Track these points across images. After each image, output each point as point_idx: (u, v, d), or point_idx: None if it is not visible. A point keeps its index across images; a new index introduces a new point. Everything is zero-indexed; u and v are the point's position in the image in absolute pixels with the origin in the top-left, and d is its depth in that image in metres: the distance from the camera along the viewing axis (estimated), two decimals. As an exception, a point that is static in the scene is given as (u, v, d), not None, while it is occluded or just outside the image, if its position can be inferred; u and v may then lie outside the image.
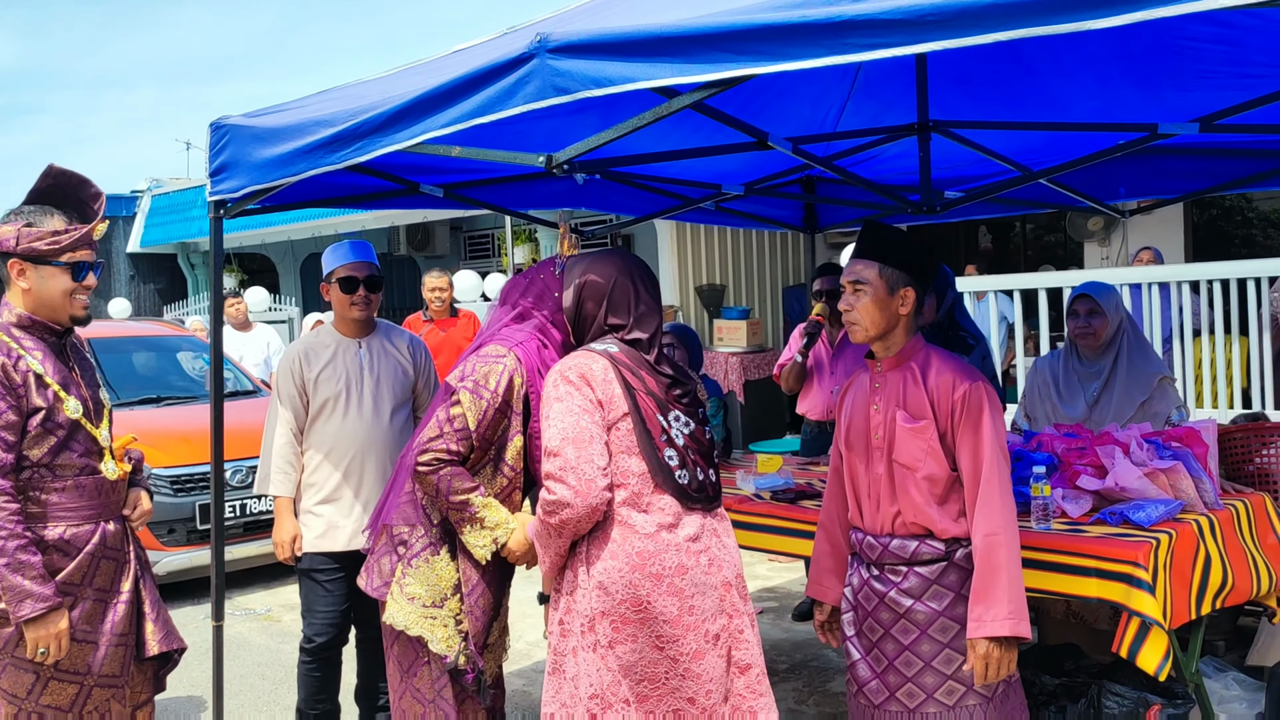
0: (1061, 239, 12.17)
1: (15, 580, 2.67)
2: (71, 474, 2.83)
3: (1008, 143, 4.25)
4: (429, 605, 2.88)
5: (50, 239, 2.77)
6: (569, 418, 2.43)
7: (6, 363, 2.73)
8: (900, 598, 2.72)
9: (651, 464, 2.48)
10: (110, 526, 2.92)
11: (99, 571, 2.88)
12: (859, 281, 2.74)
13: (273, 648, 5.52)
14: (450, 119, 2.64)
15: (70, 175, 2.86)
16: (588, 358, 2.51)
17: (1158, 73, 3.70)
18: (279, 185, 3.28)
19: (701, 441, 2.61)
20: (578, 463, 2.40)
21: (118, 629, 2.90)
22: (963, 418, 2.65)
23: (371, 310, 3.74)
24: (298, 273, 15.92)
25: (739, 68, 2.08)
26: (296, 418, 3.69)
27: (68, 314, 2.85)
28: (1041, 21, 1.74)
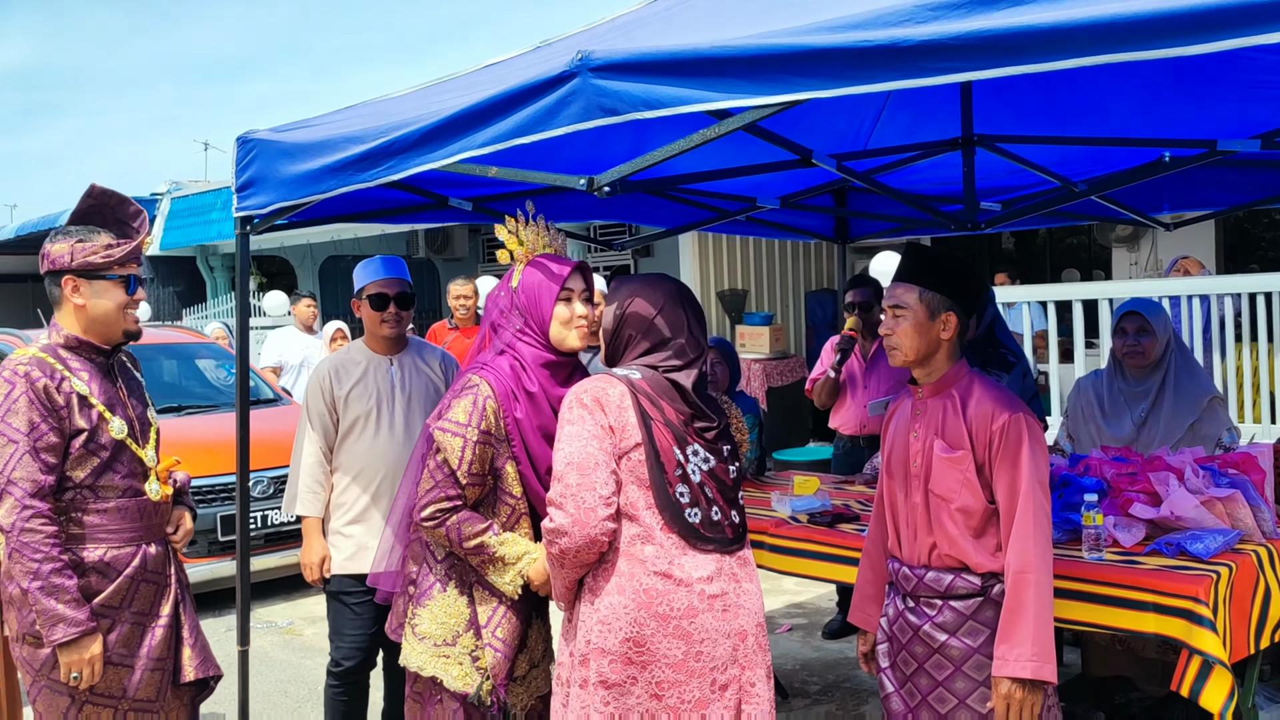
0: (1086, 242, 12.03)
1: (49, 604, 2.65)
2: (114, 495, 2.81)
3: (1047, 154, 4.15)
4: (441, 644, 2.76)
5: (104, 252, 2.79)
6: (576, 442, 2.36)
7: (49, 384, 2.72)
8: (935, 632, 2.64)
9: (660, 498, 2.38)
10: (152, 549, 2.89)
11: (138, 595, 2.85)
12: (899, 305, 2.66)
13: (295, 663, 5.45)
14: (488, 138, 2.56)
15: (111, 195, 2.87)
16: (605, 382, 2.43)
17: (1209, 85, 3.60)
18: (307, 202, 3.21)
19: (723, 479, 2.48)
20: (578, 489, 2.32)
21: (155, 653, 2.87)
22: (1001, 449, 2.56)
23: (402, 328, 3.67)
24: (316, 275, 15.90)
25: (798, 92, 2.00)
26: (326, 436, 3.62)
27: (121, 329, 2.86)
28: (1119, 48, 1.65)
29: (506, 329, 2.81)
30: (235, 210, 3.40)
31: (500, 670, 2.76)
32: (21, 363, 2.73)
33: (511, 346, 2.78)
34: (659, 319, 2.52)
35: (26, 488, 2.64)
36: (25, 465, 2.65)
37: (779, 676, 4.68)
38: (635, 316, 2.54)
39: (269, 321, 12.08)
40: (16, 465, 2.65)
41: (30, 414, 2.67)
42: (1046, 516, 2.56)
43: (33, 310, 15.53)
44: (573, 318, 2.78)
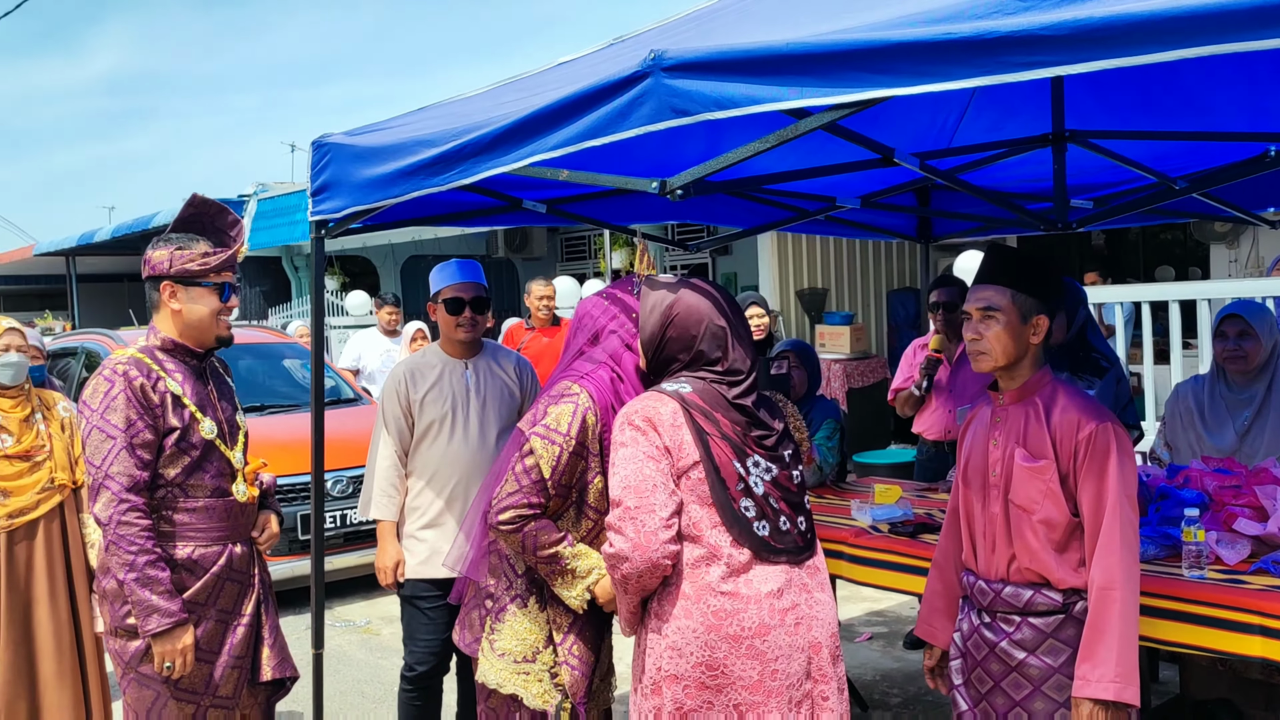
0: (1180, 238, 11.61)
1: (144, 595, 2.73)
2: (203, 495, 2.89)
3: (1142, 150, 3.96)
4: (520, 660, 2.69)
5: (200, 260, 2.88)
6: (631, 465, 2.27)
7: (146, 383, 2.82)
8: (1012, 649, 2.53)
9: (726, 515, 2.28)
10: (238, 549, 2.96)
11: (223, 593, 2.91)
12: (990, 308, 2.53)
13: (372, 663, 5.49)
14: (559, 141, 2.50)
15: (210, 204, 2.96)
16: (656, 400, 2.34)
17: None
18: (380, 206, 3.20)
19: (787, 487, 2.39)
20: (637, 513, 2.24)
21: (236, 651, 2.93)
22: (1086, 459, 2.45)
23: (477, 332, 3.65)
24: (398, 275, 16.10)
25: (878, 89, 1.90)
26: (401, 440, 3.61)
27: (214, 334, 2.95)
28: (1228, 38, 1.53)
29: (614, 339, 2.74)
30: (310, 214, 3.41)
31: (579, 688, 2.69)
32: (121, 362, 2.84)
33: (617, 359, 2.71)
34: (706, 332, 2.43)
35: (123, 482, 2.74)
36: (122, 460, 2.75)
37: (858, 687, 4.56)
38: (680, 326, 2.44)
39: (351, 321, 12.26)
40: (114, 460, 2.74)
41: (128, 411, 2.77)
42: (1134, 531, 2.45)
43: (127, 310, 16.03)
44: None
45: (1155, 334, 6.84)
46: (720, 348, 2.42)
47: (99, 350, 7.66)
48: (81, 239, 18.51)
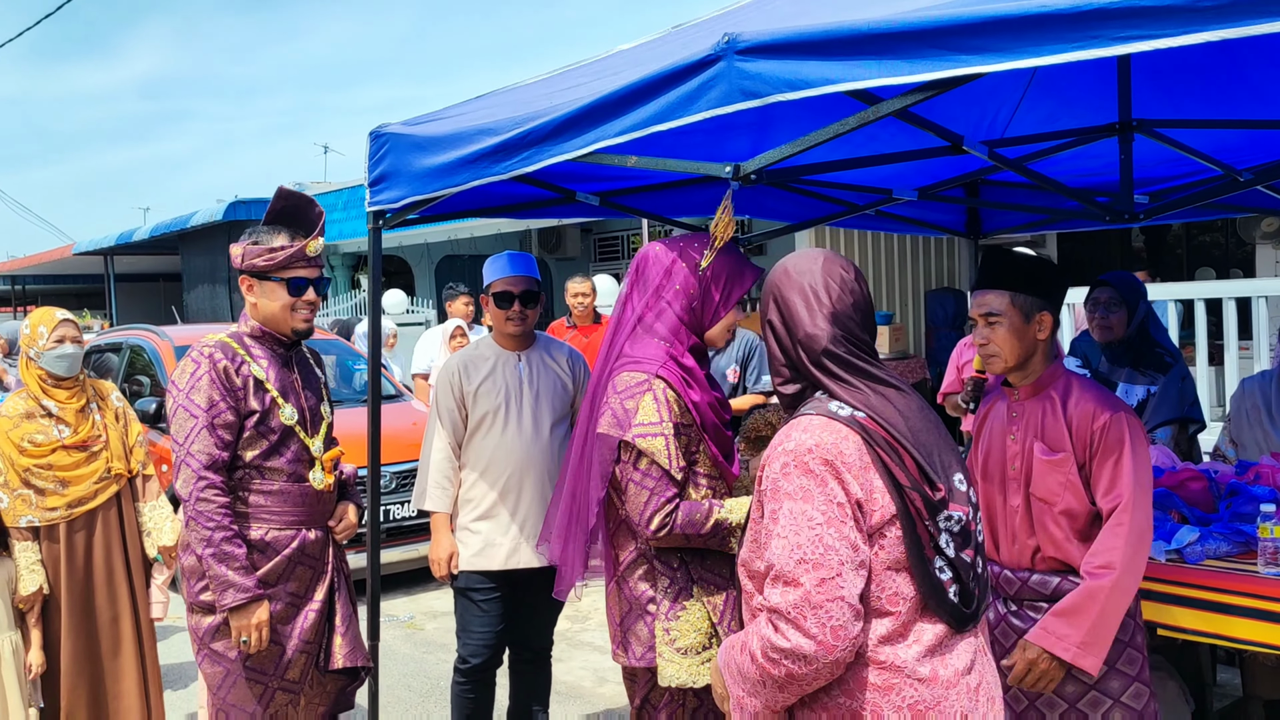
0: (1220, 239, 11.44)
1: (220, 570, 2.78)
2: (280, 479, 2.94)
3: (1204, 141, 3.89)
4: (701, 651, 2.62)
5: (266, 256, 2.93)
6: (808, 529, 1.72)
7: (229, 366, 2.90)
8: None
9: (924, 584, 1.78)
10: (311, 535, 3.00)
11: (294, 576, 2.95)
12: (992, 313, 2.63)
13: (418, 658, 5.49)
14: (624, 127, 2.48)
15: (297, 196, 3.01)
16: (832, 431, 1.78)
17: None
18: (440, 196, 3.18)
19: (972, 537, 1.88)
20: (822, 601, 1.69)
21: (305, 635, 2.96)
22: (1100, 448, 2.51)
23: (528, 325, 3.63)
24: (433, 275, 16.14)
25: (961, 66, 1.86)
26: (455, 432, 3.60)
27: (289, 327, 3.00)
28: None
29: (670, 310, 2.62)
30: (368, 205, 3.40)
31: None
32: (208, 344, 2.93)
33: (675, 332, 2.62)
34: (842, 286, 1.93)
35: (203, 460, 2.80)
36: (203, 439, 2.82)
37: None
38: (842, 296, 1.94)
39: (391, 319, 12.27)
40: (196, 439, 2.81)
41: (211, 392, 2.85)
42: (1147, 519, 2.49)
43: (166, 308, 16.17)
44: (734, 321, 2.72)
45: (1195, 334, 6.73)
46: (865, 323, 1.94)
47: (143, 345, 7.71)
48: (120, 239, 18.72)
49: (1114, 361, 3.94)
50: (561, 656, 4.70)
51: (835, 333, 1.89)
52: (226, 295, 16.58)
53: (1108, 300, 3.94)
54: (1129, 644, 2.58)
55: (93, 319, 20.14)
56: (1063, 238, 11.45)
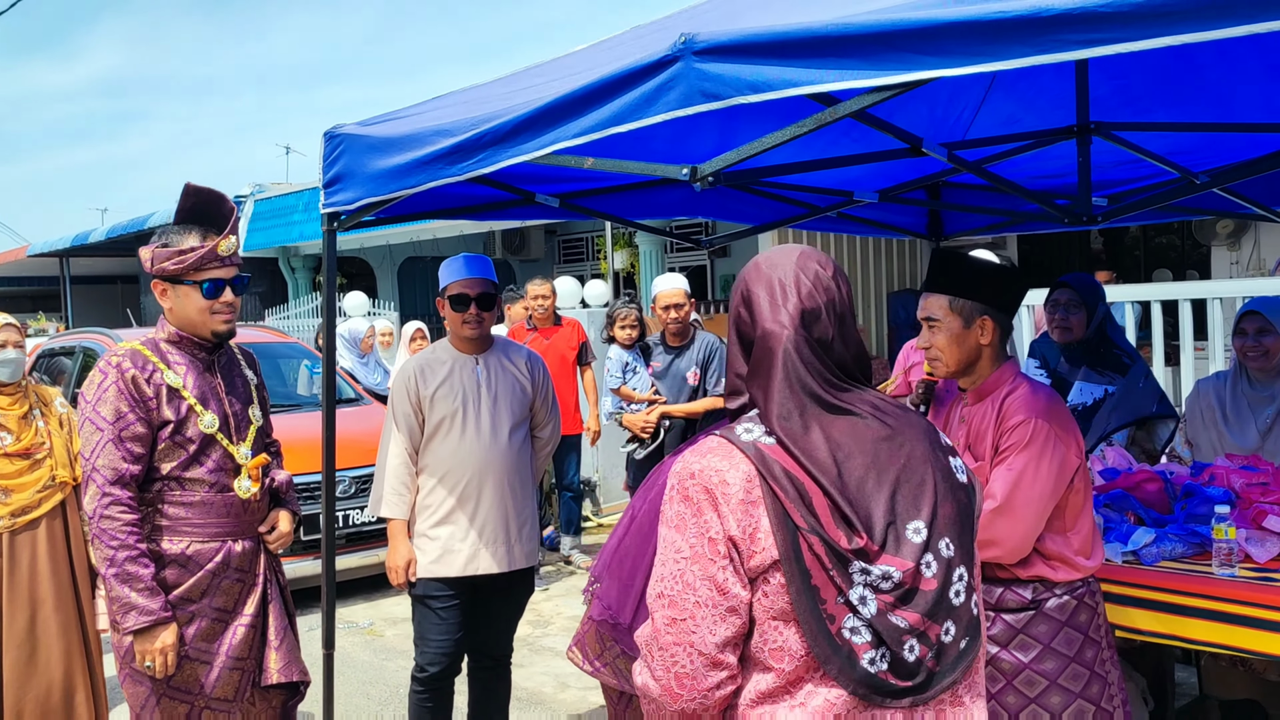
0: (1176, 241, 11.59)
1: (122, 591, 2.68)
2: (201, 489, 2.83)
3: (1162, 144, 3.91)
4: None
5: (177, 258, 2.82)
6: (673, 562, 1.55)
7: (139, 375, 2.79)
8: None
9: (816, 643, 1.52)
10: (238, 546, 2.90)
11: (220, 590, 2.85)
12: (931, 318, 2.62)
13: (377, 665, 5.42)
14: (582, 129, 2.44)
15: (206, 193, 2.90)
16: (723, 456, 1.57)
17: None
18: (395, 198, 3.13)
19: (920, 598, 1.56)
20: (669, 642, 1.53)
21: (235, 652, 2.86)
22: (1002, 449, 2.51)
23: (485, 328, 3.59)
24: (395, 277, 16.02)
25: (920, 70, 1.85)
26: (411, 437, 3.55)
27: (208, 329, 2.89)
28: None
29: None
30: (322, 207, 3.33)
31: None
32: (117, 354, 2.82)
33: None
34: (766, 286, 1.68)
35: (108, 475, 2.71)
36: (108, 453, 2.72)
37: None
38: (739, 295, 1.72)
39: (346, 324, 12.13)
40: (101, 453, 2.72)
41: (118, 403, 2.74)
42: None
43: (123, 310, 15.93)
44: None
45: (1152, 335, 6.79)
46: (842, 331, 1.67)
47: (97, 349, 7.57)
48: (76, 240, 18.41)
49: (1072, 362, 3.96)
50: (522, 662, 4.66)
51: (799, 336, 1.62)
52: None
53: (1067, 302, 3.96)
54: (1066, 623, 2.53)
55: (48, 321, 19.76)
56: (1023, 239, 11.55)
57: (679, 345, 5.07)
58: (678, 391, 5.00)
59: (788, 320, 1.63)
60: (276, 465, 3.09)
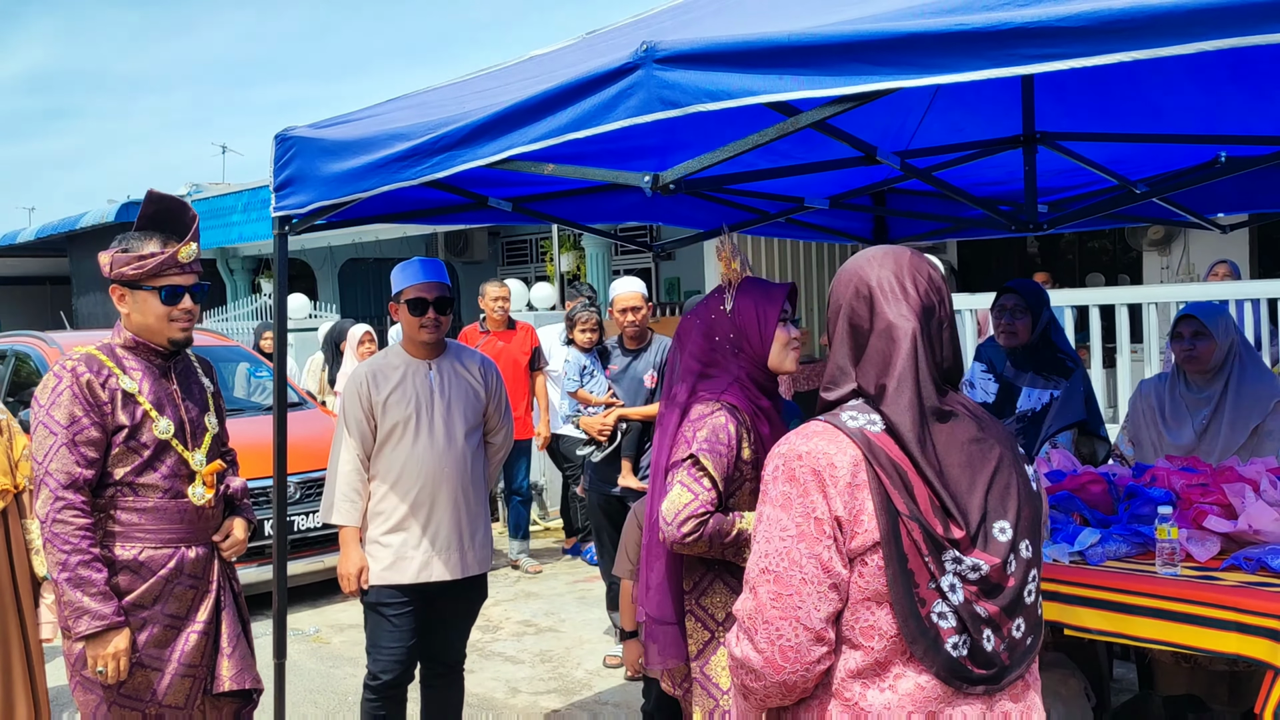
0: (1107, 245, 11.87)
1: (75, 596, 2.66)
2: (155, 495, 2.81)
3: (1100, 153, 4.02)
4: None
5: (136, 264, 2.80)
6: (779, 539, 1.61)
7: (93, 380, 2.76)
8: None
9: (907, 624, 1.59)
10: (192, 553, 2.87)
11: (172, 596, 2.83)
12: None
13: (324, 672, 5.35)
14: (540, 133, 2.45)
15: (168, 200, 2.88)
16: (830, 440, 1.63)
17: (1271, 81, 3.46)
18: (349, 201, 3.11)
19: (1002, 593, 1.65)
20: (775, 615, 1.60)
21: (187, 659, 2.84)
22: None
23: (441, 332, 3.57)
24: (336, 279, 15.83)
25: (881, 81, 1.88)
26: (363, 443, 3.51)
27: (165, 337, 2.87)
28: (1260, 29, 1.52)
29: (726, 360, 2.65)
30: (274, 210, 3.31)
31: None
32: (72, 358, 2.79)
33: (732, 373, 2.65)
34: (854, 292, 1.73)
35: (61, 479, 2.69)
36: (62, 457, 2.70)
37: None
38: (834, 300, 1.76)
39: (292, 324, 11.98)
40: (54, 457, 2.70)
41: (72, 408, 2.72)
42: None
43: (53, 312, 15.53)
44: (789, 339, 2.69)
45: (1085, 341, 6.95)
46: (952, 336, 1.72)
47: (30, 353, 7.39)
48: (4, 240, 17.93)
49: (1018, 366, 4.04)
50: (472, 668, 4.64)
51: (921, 330, 1.68)
52: (119, 300, 15.98)
53: (1013, 307, 4.04)
54: None
55: (-27, 324, 19.23)
56: (963, 244, 11.75)
57: (636, 348, 5.08)
58: (635, 394, 5.00)
59: (910, 314, 1.68)
60: (232, 473, 3.06)
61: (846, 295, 1.74)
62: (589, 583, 6.78)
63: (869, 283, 1.71)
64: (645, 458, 4.98)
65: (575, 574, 7.08)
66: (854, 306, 1.72)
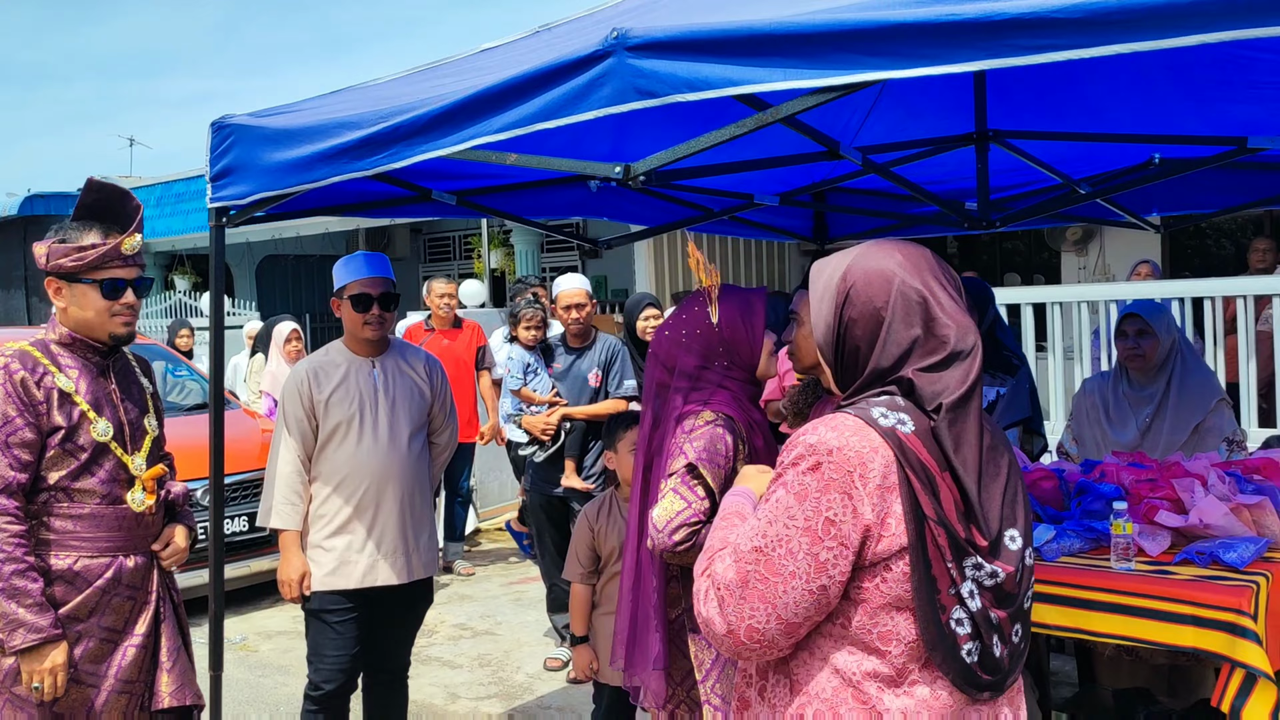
0: (1020, 246, 12.12)
1: (10, 607, 2.51)
2: (92, 501, 2.65)
3: (1044, 151, 4.06)
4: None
5: (76, 255, 2.64)
6: (784, 525, 1.55)
7: (28, 377, 2.60)
8: None
9: (928, 630, 1.56)
10: (130, 562, 2.72)
11: (110, 608, 2.68)
12: (792, 310, 2.61)
13: (254, 682, 5.17)
14: (506, 123, 2.37)
15: (110, 188, 2.73)
16: (863, 439, 1.55)
17: (1206, 84, 3.53)
18: (293, 192, 2.99)
19: (1013, 602, 1.65)
20: (754, 597, 1.56)
21: (124, 674, 2.69)
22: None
23: (386, 329, 3.46)
24: (253, 276, 15.43)
25: (868, 72, 1.84)
26: (304, 443, 3.38)
27: (105, 332, 2.71)
28: (1253, 23, 1.52)
29: (714, 369, 2.61)
30: (210, 202, 3.16)
31: None
32: (4, 354, 2.63)
33: (724, 386, 2.60)
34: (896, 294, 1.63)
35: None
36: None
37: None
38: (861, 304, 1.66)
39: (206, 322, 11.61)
40: None
41: (5, 407, 2.57)
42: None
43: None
44: (771, 346, 2.66)
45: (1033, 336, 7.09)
46: (926, 324, 1.63)
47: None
48: (-104, 233, 17.08)
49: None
50: (409, 673, 4.51)
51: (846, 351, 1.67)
52: (23, 297, 15.38)
53: (958, 304, 4.05)
54: None
55: None
56: (883, 242, 11.87)
57: (580, 346, 5.00)
58: (579, 393, 4.92)
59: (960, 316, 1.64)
60: (171, 477, 2.90)
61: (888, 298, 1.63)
62: (524, 584, 6.69)
63: (918, 286, 1.64)
64: (589, 458, 4.91)
65: (509, 575, 6.98)
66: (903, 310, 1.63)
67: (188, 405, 7.19)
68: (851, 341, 1.66)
